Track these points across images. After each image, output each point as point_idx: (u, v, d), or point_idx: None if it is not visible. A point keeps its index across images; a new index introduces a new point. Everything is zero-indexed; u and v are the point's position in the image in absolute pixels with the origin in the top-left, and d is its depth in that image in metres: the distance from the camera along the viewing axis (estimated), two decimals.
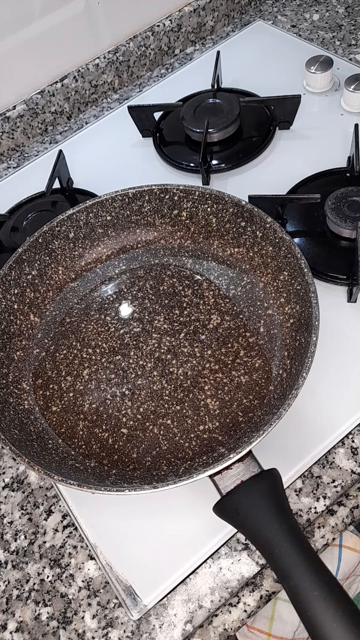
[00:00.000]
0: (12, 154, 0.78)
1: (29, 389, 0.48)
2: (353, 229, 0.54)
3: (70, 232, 0.53)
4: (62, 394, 0.48)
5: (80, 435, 0.46)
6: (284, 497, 0.37)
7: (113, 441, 0.45)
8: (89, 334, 0.51)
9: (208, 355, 0.48)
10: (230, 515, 0.37)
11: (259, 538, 0.35)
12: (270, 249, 0.49)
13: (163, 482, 0.37)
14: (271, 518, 0.35)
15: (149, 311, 0.51)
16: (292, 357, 0.45)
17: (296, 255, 0.45)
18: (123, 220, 0.54)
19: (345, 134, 0.66)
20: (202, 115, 0.67)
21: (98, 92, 0.80)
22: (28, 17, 0.69)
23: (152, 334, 0.50)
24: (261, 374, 0.46)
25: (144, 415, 0.46)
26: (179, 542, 0.44)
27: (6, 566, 0.46)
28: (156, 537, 0.44)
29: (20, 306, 0.51)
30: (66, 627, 0.43)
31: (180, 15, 0.81)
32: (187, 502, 0.45)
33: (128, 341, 0.50)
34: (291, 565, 0.32)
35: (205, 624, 0.42)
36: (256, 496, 0.36)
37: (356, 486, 0.46)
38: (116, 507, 0.46)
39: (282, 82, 0.74)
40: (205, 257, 0.53)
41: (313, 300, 0.42)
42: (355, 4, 0.84)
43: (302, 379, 0.39)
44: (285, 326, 0.47)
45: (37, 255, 0.52)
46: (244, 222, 0.50)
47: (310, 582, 0.31)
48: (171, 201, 0.53)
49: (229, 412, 0.45)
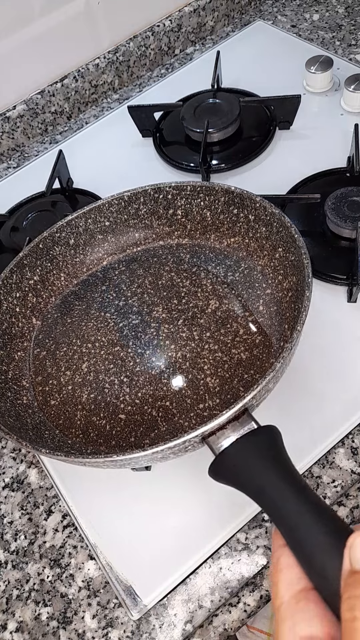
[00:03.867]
0: (12, 154, 0.78)
1: (28, 386, 0.49)
2: (353, 229, 0.54)
3: (70, 239, 0.54)
4: (61, 388, 0.48)
5: (77, 425, 0.46)
6: (282, 448, 0.34)
7: (111, 427, 0.45)
8: (89, 331, 0.51)
9: (207, 337, 0.48)
10: (225, 474, 0.35)
11: (252, 484, 0.32)
12: (264, 230, 0.49)
13: (155, 445, 0.35)
14: (267, 464, 0.32)
15: (148, 304, 0.51)
16: (292, 328, 0.45)
17: (286, 225, 0.45)
18: (121, 225, 0.55)
19: (345, 134, 0.66)
20: (202, 115, 0.67)
21: (98, 92, 0.80)
22: (28, 17, 0.69)
23: (150, 324, 0.50)
24: (262, 349, 0.46)
25: (142, 399, 0.46)
26: (179, 542, 0.44)
27: (6, 566, 0.46)
28: (156, 537, 0.44)
29: (22, 309, 0.51)
30: (66, 627, 0.43)
31: (180, 15, 0.81)
32: (187, 502, 0.45)
33: (127, 333, 0.50)
34: (289, 507, 0.29)
35: (205, 624, 0.42)
36: (253, 448, 0.34)
37: (356, 486, 0.46)
38: (116, 507, 0.46)
39: (282, 82, 0.74)
40: (203, 251, 0.53)
41: (305, 261, 0.42)
42: (355, 4, 0.84)
43: (296, 333, 0.37)
44: (284, 301, 0.48)
45: (39, 261, 0.52)
46: (236, 209, 0.51)
47: (311, 522, 0.28)
48: (165, 200, 0.53)
49: (230, 388, 0.45)
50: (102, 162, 0.72)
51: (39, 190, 0.67)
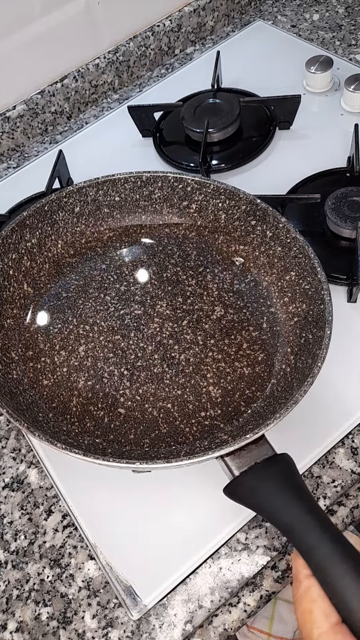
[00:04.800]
0: (12, 154, 0.78)
1: (17, 359, 0.47)
2: (353, 229, 0.54)
3: (76, 206, 0.52)
4: (55, 368, 0.47)
5: (73, 412, 0.45)
6: (300, 478, 0.37)
7: (109, 420, 0.45)
8: (87, 311, 0.50)
9: (211, 344, 0.48)
10: (244, 496, 0.37)
11: (279, 517, 0.34)
12: (279, 250, 0.49)
13: (177, 458, 0.36)
14: (291, 497, 0.34)
15: (152, 295, 0.50)
16: (296, 353, 0.45)
17: (309, 256, 0.45)
18: (130, 204, 0.53)
19: (345, 134, 0.66)
20: (202, 115, 0.67)
21: (98, 92, 0.81)
22: (28, 17, 0.69)
23: (153, 318, 0.49)
24: (263, 367, 0.46)
25: (143, 397, 0.46)
26: (179, 542, 0.44)
27: (6, 566, 0.46)
28: (156, 537, 0.44)
29: (15, 273, 0.50)
30: (66, 627, 0.43)
31: (180, 15, 0.81)
32: (187, 502, 0.45)
33: (128, 322, 0.49)
34: (316, 541, 0.32)
35: (205, 624, 0.42)
36: (273, 477, 0.36)
37: (356, 486, 0.46)
38: (116, 507, 0.46)
39: (282, 82, 0.74)
40: (210, 251, 0.53)
41: (326, 298, 0.43)
42: (355, 4, 0.84)
43: (317, 368, 0.39)
44: (288, 324, 0.47)
45: (40, 223, 0.51)
46: (255, 221, 0.50)
47: (338, 556, 0.31)
48: (183, 191, 0.52)
49: (231, 401, 0.45)
50: (102, 162, 0.72)
51: (39, 190, 0.67)
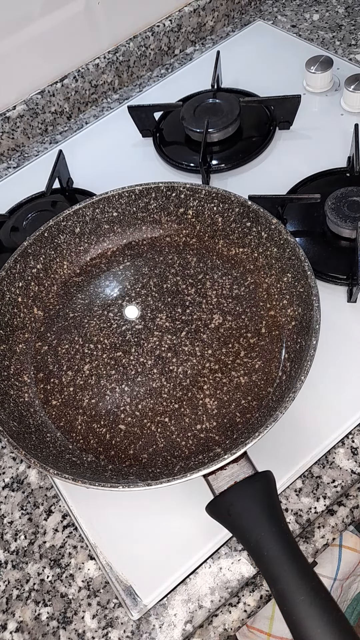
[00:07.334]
0: (12, 154, 0.78)
1: (30, 381, 0.49)
2: (353, 229, 0.54)
3: (76, 227, 0.53)
4: (63, 388, 0.48)
5: (78, 430, 0.46)
6: (276, 500, 0.37)
7: (110, 437, 0.45)
8: (92, 330, 0.51)
9: (208, 355, 0.48)
10: (221, 515, 0.37)
11: (248, 539, 0.35)
12: (275, 250, 0.49)
13: (157, 480, 0.37)
14: (262, 520, 0.35)
15: (152, 309, 0.51)
16: (292, 360, 0.45)
17: (300, 258, 0.45)
18: (129, 217, 0.54)
19: (345, 134, 0.66)
20: (202, 115, 0.67)
21: (98, 92, 0.80)
22: (28, 17, 0.69)
23: (153, 332, 0.50)
24: (261, 376, 0.46)
25: (142, 412, 0.46)
26: (179, 542, 0.44)
27: (6, 566, 0.46)
28: (156, 537, 0.44)
29: (24, 299, 0.51)
30: (66, 627, 0.43)
31: (180, 16, 0.81)
32: (187, 502, 0.45)
33: (129, 338, 0.50)
34: (279, 569, 0.32)
35: (205, 624, 0.42)
36: (248, 498, 0.36)
37: (356, 486, 0.46)
38: (116, 507, 0.46)
39: (282, 82, 0.74)
40: (210, 256, 0.53)
41: (315, 304, 0.42)
42: (355, 4, 0.84)
43: (300, 383, 0.39)
44: (287, 328, 0.47)
45: (43, 249, 0.52)
46: (250, 223, 0.50)
47: (297, 587, 0.31)
48: (177, 199, 0.53)
49: (227, 412, 0.45)
50: (102, 162, 0.72)
51: (39, 190, 0.67)
